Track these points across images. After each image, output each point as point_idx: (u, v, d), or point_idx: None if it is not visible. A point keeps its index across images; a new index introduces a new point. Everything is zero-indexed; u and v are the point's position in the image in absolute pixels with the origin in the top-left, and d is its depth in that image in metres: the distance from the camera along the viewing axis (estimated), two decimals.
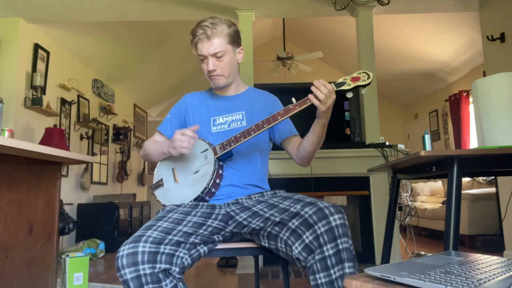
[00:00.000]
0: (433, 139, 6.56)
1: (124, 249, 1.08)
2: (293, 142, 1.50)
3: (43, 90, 4.02)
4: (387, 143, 3.16)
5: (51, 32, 4.15)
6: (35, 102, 3.81)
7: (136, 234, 1.13)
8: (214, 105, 1.52)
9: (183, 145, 1.29)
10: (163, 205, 1.41)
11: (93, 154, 5.17)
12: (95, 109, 5.31)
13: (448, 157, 1.39)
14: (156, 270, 1.08)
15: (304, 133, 1.40)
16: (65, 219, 3.33)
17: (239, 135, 1.34)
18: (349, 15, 3.78)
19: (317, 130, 1.33)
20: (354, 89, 1.28)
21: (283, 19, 6.12)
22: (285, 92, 3.25)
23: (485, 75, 3.59)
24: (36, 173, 2.14)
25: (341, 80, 1.29)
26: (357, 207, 3.25)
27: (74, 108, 4.72)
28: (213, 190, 1.37)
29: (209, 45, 1.36)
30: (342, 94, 1.29)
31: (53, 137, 3.65)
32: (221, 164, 1.40)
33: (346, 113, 3.26)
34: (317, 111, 1.27)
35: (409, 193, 3.74)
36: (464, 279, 0.68)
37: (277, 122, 1.32)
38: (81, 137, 4.89)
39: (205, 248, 1.26)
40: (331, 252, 1.09)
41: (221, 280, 2.96)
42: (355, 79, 1.27)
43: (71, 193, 4.55)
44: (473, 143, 5.46)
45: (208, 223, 1.26)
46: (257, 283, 1.67)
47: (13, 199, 1.95)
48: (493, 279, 0.69)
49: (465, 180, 5.09)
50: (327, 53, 6.80)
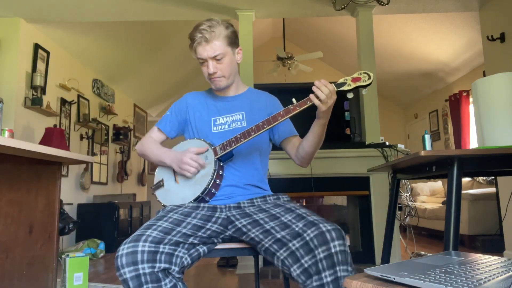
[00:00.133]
0: (433, 139, 6.56)
1: (123, 248, 1.08)
2: (292, 142, 1.50)
3: (43, 90, 4.02)
4: (387, 143, 3.16)
5: (51, 32, 4.15)
6: (35, 102, 3.81)
7: (136, 233, 1.13)
8: (214, 106, 1.52)
9: (191, 170, 1.34)
10: (164, 206, 1.41)
11: (93, 154, 5.17)
12: (95, 109, 5.31)
13: (448, 157, 1.39)
14: (155, 269, 1.08)
15: (304, 133, 1.39)
16: (65, 219, 3.34)
17: (239, 136, 1.34)
18: (349, 15, 3.78)
19: (317, 130, 1.32)
20: (354, 90, 1.28)
21: (283, 19, 6.12)
22: (285, 92, 3.26)
23: (485, 75, 3.59)
24: (36, 173, 2.14)
25: (341, 80, 1.28)
26: (357, 207, 3.25)
27: (74, 108, 4.72)
28: (213, 190, 1.37)
29: (209, 48, 1.35)
30: (342, 94, 1.29)
31: (53, 137, 3.65)
32: (221, 164, 1.40)
33: (346, 113, 3.25)
34: (317, 111, 1.27)
35: (409, 193, 3.74)
36: (464, 279, 0.68)
37: (278, 122, 1.31)
38: (81, 137, 4.89)
39: (205, 248, 1.26)
40: (329, 279, 1.08)
41: (221, 280, 2.96)
42: (355, 80, 1.27)
43: (71, 193, 4.55)
44: (473, 143, 5.46)
45: (207, 226, 1.26)
46: (257, 283, 1.67)
47: (13, 199, 1.95)
48: (493, 279, 0.69)
49: (465, 180, 5.09)
50: (327, 53, 6.80)
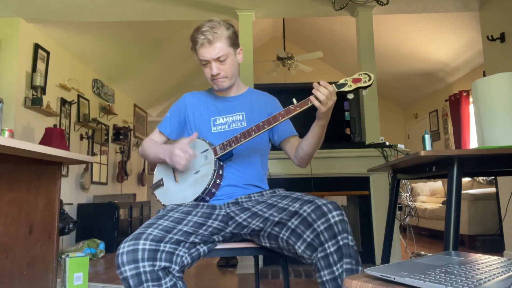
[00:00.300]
0: (433, 139, 6.56)
1: (124, 246, 1.08)
2: (291, 142, 1.50)
3: (43, 90, 4.02)
4: (387, 143, 3.16)
5: (51, 32, 4.15)
6: (35, 102, 3.81)
7: (136, 231, 1.13)
8: (214, 105, 1.52)
9: (181, 162, 1.32)
10: (163, 205, 1.41)
11: (93, 154, 5.17)
12: (95, 109, 5.31)
13: (448, 157, 1.39)
14: (156, 268, 1.08)
15: (304, 133, 1.39)
16: (65, 219, 3.34)
17: (239, 136, 1.34)
18: (349, 15, 3.78)
19: (317, 131, 1.33)
20: (355, 91, 1.28)
21: (283, 19, 6.12)
22: (285, 92, 3.26)
23: (485, 75, 3.59)
24: (36, 173, 2.14)
25: (342, 81, 1.28)
26: (357, 207, 3.25)
27: (74, 108, 4.72)
28: (213, 190, 1.37)
29: (212, 50, 1.35)
30: (342, 94, 1.28)
31: (53, 137, 3.65)
32: (221, 164, 1.40)
33: (346, 113, 3.25)
34: (317, 112, 1.27)
35: (409, 193, 3.74)
36: (464, 279, 0.68)
37: (278, 123, 1.32)
38: (81, 137, 4.89)
39: (205, 247, 1.26)
40: (333, 249, 1.09)
41: (221, 280, 2.96)
42: (356, 81, 1.27)
43: (71, 193, 4.55)
44: (473, 143, 5.46)
45: (208, 223, 1.27)
46: (257, 283, 1.67)
47: (13, 199, 1.95)
48: (493, 279, 0.69)
49: (465, 180, 5.09)
50: (327, 53, 6.80)
